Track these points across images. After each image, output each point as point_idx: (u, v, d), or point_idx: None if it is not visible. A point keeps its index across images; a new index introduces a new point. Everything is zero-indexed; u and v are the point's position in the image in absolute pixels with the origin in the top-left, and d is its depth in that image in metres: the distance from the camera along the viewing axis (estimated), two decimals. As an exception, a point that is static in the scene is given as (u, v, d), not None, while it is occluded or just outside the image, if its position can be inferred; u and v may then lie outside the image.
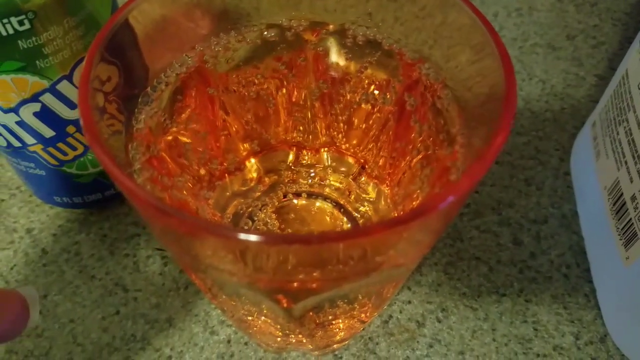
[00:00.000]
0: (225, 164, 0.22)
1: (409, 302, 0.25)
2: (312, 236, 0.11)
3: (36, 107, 0.21)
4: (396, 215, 0.20)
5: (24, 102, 0.21)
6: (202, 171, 0.20)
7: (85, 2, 0.20)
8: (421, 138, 0.19)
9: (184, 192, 0.19)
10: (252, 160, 0.23)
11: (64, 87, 0.21)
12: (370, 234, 0.11)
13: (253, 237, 0.10)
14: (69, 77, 0.21)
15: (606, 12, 0.40)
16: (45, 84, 0.21)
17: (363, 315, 0.19)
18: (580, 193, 0.28)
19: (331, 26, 0.20)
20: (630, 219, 0.21)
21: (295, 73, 0.21)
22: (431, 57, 0.19)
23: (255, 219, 0.22)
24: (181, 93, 0.20)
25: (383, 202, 0.22)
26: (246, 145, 0.22)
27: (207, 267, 0.13)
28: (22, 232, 0.27)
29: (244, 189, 0.22)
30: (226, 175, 0.22)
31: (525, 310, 0.25)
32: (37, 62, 0.20)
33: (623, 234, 0.22)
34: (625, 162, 0.22)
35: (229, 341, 0.24)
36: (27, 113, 0.21)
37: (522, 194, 0.29)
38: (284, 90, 0.22)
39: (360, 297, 0.17)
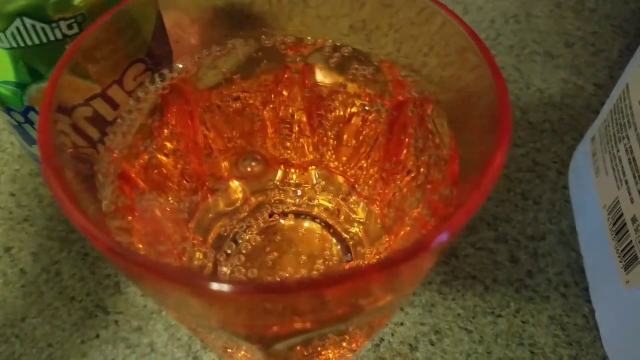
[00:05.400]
0: (207, 184, 0.21)
1: (401, 324, 0.24)
2: (285, 284, 0.10)
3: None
4: (387, 239, 0.19)
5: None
6: (183, 192, 0.19)
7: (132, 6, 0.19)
8: (412, 157, 0.19)
9: (159, 215, 0.18)
10: (236, 179, 0.22)
11: (114, 91, 0.20)
12: (354, 280, 0.10)
13: (216, 286, 0.09)
14: (119, 82, 0.20)
15: (605, 18, 0.39)
16: (97, 88, 0.19)
17: (354, 344, 0.18)
18: (579, 210, 0.27)
19: (318, 41, 0.19)
20: (631, 241, 0.20)
21: (282, 89, 0.20)
22: (426, 65, 0.18)
23: (240, 241, 0.21)
24: (160, 111, 0.19)
25: (373, 224, 0.21)
26: (229, 164, 0.21)
27: (178, 309, 0.13)
28: (1, 251, 0.27)
29: (228, 209, 0.22)
30: (209, 195, 0.21)
31: (521, 332, 0.24)
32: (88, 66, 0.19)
33: (623, 257, 0.21)
34: (626, 182, 0.21)
35: (213, 367, 0.23)
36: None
37: (519, 209, 0.28)
38: (270, 107, 0.21)
39: (350, 330, 0.16)
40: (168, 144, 0.19)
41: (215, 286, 0.09)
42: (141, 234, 0.16)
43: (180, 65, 0.18)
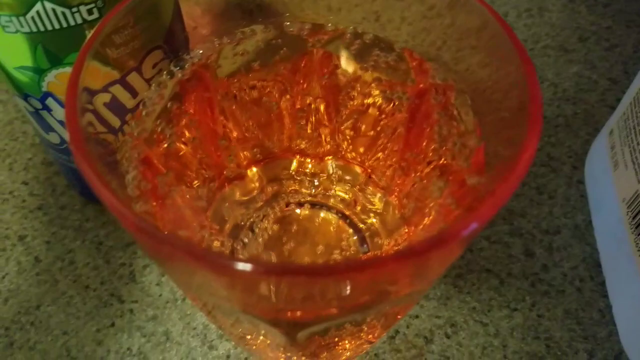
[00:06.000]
0: (225, 172, 0.21)
1: (417, 316, 0.24)
2: (317, 268, 0.10)
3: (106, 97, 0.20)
4: (406, 230, 0.19)
5: None
6: (201, 181, 0.19)
7: None
8: (433, 147, 0.18)
9: (180, 202, 0.18)
10: (254, 168, 0.21)
11: (133, 78, 0.20)
12: (384, 266, 0.10)
13: (249, 267, 0.09)
14: (138, 69, 0.20)
15: (619, 13, 0.39)
16: (116, 74, 0.19)
17: (371, 336, 0.18)
18: (595, 204, 0.26)
19: (339, 28, 0.19)
20: (652, 234, 0.20)
21: (299, 77, 0.20)
22: (440, 59, 0.18)
23: (257, 230, 0.21)
24: (179, 99, 0.18)
25: (391, 214, 0.21)
26: (247, 153, 0.21)
27: (201, 292, 0.12)
28: (15, 239, 0.26)
29: (245, 198, 0.21)
30: (226, 184, 0.21)
31: (537, 326, 0.24)
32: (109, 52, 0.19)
33: (643, 250, 0.21)
34: (647, 174, 0.21)
35: (228, 356, 0.23)
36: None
37: (534, 203, 0.28)
38: (287, 96, 0.21)
39: (369, 320, 0.16)
40: (187, 132, 0.19)
41: (247, 267, 0.09)
42: (164, 220, 0.16)
43: (200, 51, 0.18)
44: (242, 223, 0.21)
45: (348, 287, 0.11)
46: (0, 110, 0.32)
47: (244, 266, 0.10)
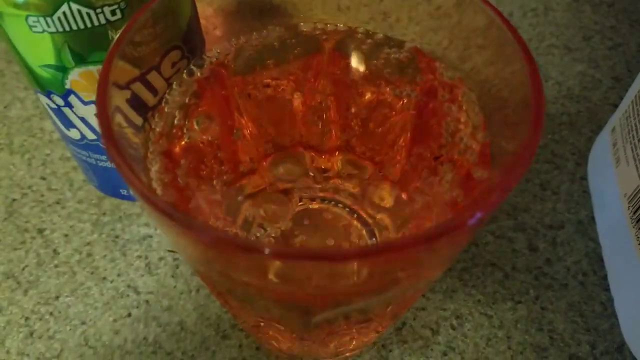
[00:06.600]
0: (239, 168, 0.21)
1: (423, 308, 0.25)
2: (335, 252, 0.10)
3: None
4: (415, 224, 0.20)
5: None
6: (216, 175, 0.20)
7: None
8: (441, 143, 0.19)
9: (197, 195, 0.19)
10: (265, 164, 0.22)
11: (153, 77, 0.21)
12: (397, 251, 0.11)
13: (275, 251, 0.10)
14: (157, 67, 0.21)
15: (623, 12, 0.40)
16: (137, 72, 0.20)
17: (378, 325, 0.19)
18: (597, 199, 0.27)
19: (351, 27, 0.20)
20: (652, 228, 0.21)
21: (311, 75, 0.21)
22: (445, 58, 0.19)
23: (268, 227, 0.22)
24: (198, 96, 0.19)
25: (400, 209, 0.21)
26: (260, 149, 0.22)
27: (222, 277, 0.13)
28: (34, 232, 0.27)
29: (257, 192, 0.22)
30: (240, 179, 0.21)
31: (541, 318, 0.25)
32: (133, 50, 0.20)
33: (644, 244, 0.21)
34: (648, 170, 0.21)
35: (240, 346, 0.24)
36: None
37: (538, 199, 0.29)
38: (299, 93, 0.22)
39: (378, 309, 0.17)
40: (204, 130, 0.20)
41: (273, 251, 0.10)
42: (184, 211, 0.17)
43: (218, 50, 0.19)
44: (254, 217, 0.22)
45: (363, 271, 0.12)
46: (18, 108, 0.33)
47: (269, 250, 0.10)
